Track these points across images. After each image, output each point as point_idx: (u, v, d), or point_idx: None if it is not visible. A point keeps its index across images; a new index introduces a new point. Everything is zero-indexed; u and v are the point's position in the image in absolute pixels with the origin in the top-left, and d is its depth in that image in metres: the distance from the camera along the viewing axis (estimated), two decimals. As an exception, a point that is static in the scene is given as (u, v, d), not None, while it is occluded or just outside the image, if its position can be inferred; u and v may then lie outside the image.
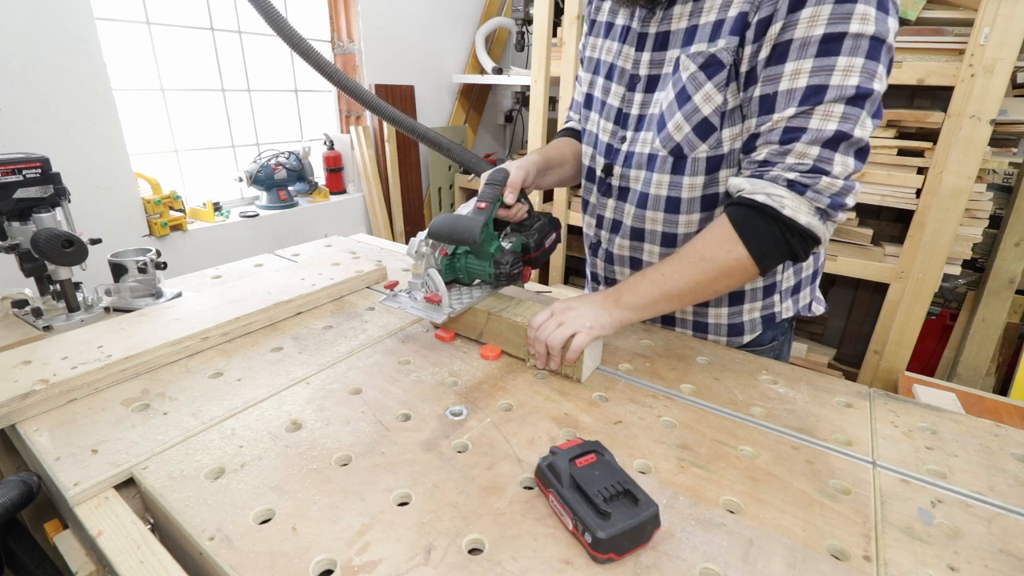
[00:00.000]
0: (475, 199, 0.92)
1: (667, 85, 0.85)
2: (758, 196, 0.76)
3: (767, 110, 0.76)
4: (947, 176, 1.76)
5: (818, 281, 1.04)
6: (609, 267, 1.05)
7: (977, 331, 2.16)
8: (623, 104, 0.94)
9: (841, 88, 0.70)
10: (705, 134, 0.83)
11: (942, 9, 1.83)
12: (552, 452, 0.59)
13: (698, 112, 0.82)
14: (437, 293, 0.89)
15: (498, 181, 0.92)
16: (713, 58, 0.78)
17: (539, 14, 2.46)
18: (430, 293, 0.90)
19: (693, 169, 0.86)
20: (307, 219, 2.69)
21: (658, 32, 0.86)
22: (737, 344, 1.00)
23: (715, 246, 0.79)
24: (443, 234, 0.87)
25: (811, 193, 0.74)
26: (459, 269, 0.96)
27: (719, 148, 0.83)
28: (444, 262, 0.94)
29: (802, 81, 0.72)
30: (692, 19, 0.82)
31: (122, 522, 0.56)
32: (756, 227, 0.77)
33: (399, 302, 0.93)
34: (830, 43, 0.70)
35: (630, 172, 0.94)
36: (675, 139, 0.85)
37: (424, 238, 0.91)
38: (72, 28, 1.78)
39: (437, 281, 0.89)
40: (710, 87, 0.80)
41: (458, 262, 0.95)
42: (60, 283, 0.98)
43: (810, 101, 0.72)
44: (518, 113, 3.60)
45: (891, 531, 0.56)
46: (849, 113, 0.71)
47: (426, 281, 0.91)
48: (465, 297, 0.94)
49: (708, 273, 0.79)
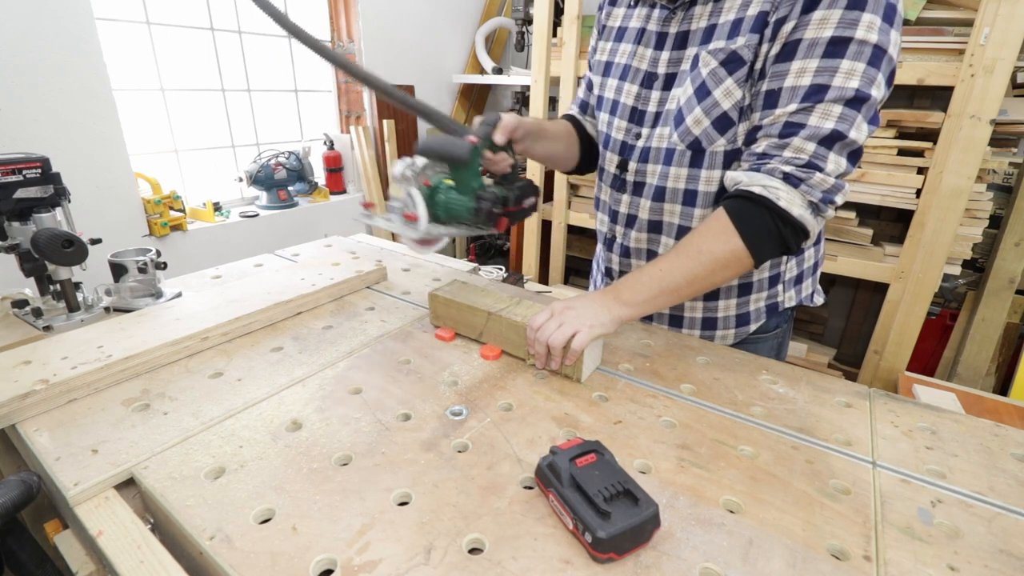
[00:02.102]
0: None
1: (684, 81, 0.87)
2: (755, 188, 0.78)
3: (771, 104, 0.79)
4: (947, 176, 1.76)
5: (818, 273, 1.06)
6: (625, 260, 1.07)
7: (977, 331, 2.16)
8: (638, 102, 0.96)
9: (842, 89, 0.73)
10: (724, 128, 0.85)
11: (942, 9, 1.82)
12: (552, 452, 0.59)
13: (718, 106, 0.84)
14: (415, 212, 0.86)
15: (491, 122, 0.91)
16: (734, 54, 0.81)
17: (539, 14, 2.46)
18: (408, 212, 0.87)
19: (711, 163, 0.88)
20: (307, 219, 2.69)
21: (678, 32, 0.89)
22: (744, 334, 1.02)
23: (712, 238, 0.80)
24: (434, 150, 0.86)
25: (804, 187, 0.76)
26: (438, 204, 0.91)
27: (736, 143, 0.86)
28: (425, 193, 0.90)
29: (806, 79, 0.75)
30: (712, 18, 0.84)
31: (122, 522, 0.56)
32: (752, 218, 0.78)
33: (373, 219, 0.91)
34: (836, 46, 0.73)
35: (646, 167, 0.96)
36: (694, 133, 0.87)
37: (411, 162, 0.89)
38: (72, 28, 1.78)
39: (416, 199, 0.87)
40: (730, 82, 0.82)
41: (439, 196, 0.91)
42: (60, 283, 0.98)
43: (812, 99, 0.74)
44: (518, 113, 3.60)
45: (891, 531, 0.57)
46: (846, 114, 0.74)
47: (406, 201, 0.89)
48: (442, 228, 0.92)
49: (706, 266, 0.80)
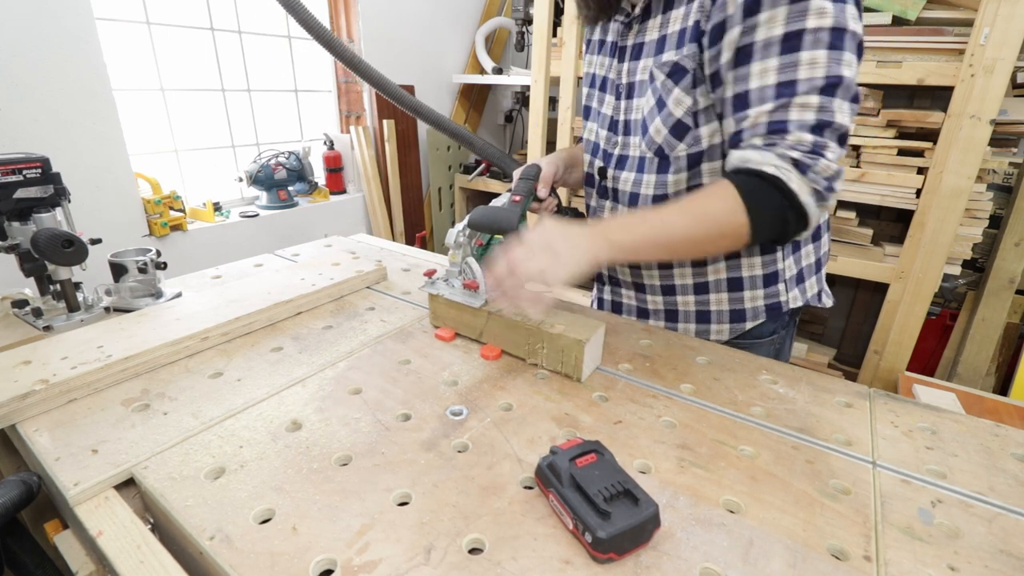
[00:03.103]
0: (509, 193, 0.98)
1: (645, 92, 0.91)
2: (767, 168, 0.76)
3: (742, 106, 0.78)
4: (947, 176, 1.76)
5: (823, 272, 1.04)
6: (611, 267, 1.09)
7: (977, 331, 2.16)
8: (614, 112, 1.00)
9: (810, 80, 0.73)
10: (681, 134, 0.88)
11: (942, 9, 1.82)
12: (552, 452, 0.59)
13: (671, 115, 0.87)
14: (475, 280, 0.93)
15: (532, 176, 1.00)
16: (677, 66, 0.84)
17: (539, 14, 2.46)
18: (468, 280, 0.94)
19: (676, 167, 0.91)
20: (307, 219, 2.70)
21: (634, 44, 0.93)
22: (740, 330, 1.01)
23: (720, 205, 0.77)
24: (483, 224, 0.92)
25: (811, 174, 0.75)
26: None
27: (698, 145, 0.88)
28: (479, 252, 0.99)
29: (771, 78, 0.75)
30: (662, 30, 0.88)
31: (122, 522, 0.56)
32: (762, 195, 0.76)
33: (437, 288, 0.97)
34: (791, 40, 0.72)
35: (621, 174, 0.99)
36: (656, 141, 0.91)
37: (462, 228, 0.95)
38: (72, 28, 1.78)
39: (475, 268, 0.93)
40: (679, 92, 0.85)
41: (491, 252, 1.00)
42: (60, 283, 0.98)
43: (783, 96, 0.74)
44: (518, 113, 3.60)
45: (891, 531, 0.57)
46: (824, 103, 0.73)
47: (463, 269, 0.96)
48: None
49: (709, 230, 0.77)
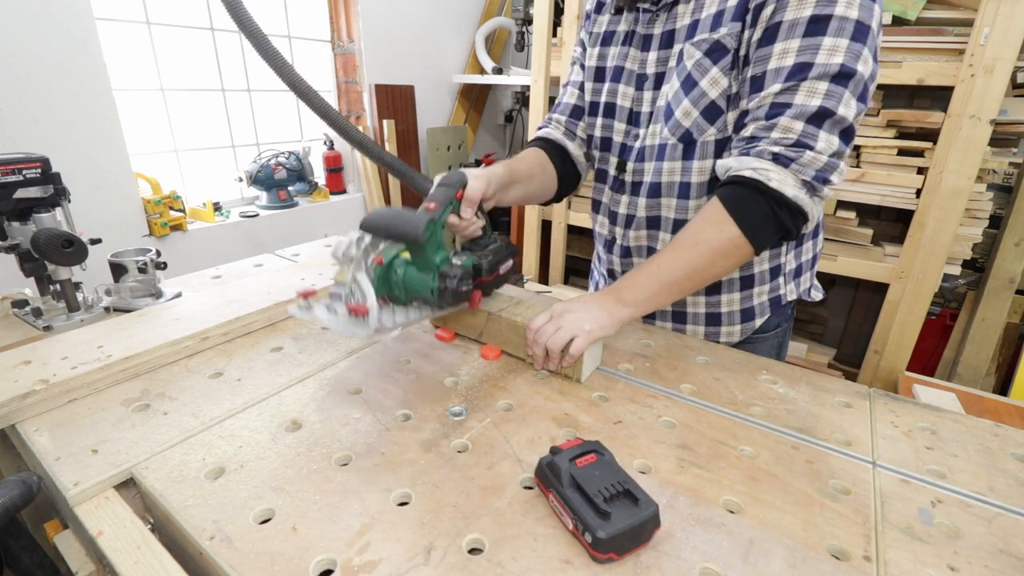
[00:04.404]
0: (424, 201, 0.78)
1: (671, 78, 0.88)
2: (745, 172, 0.77)
3: (756, 88, 0.79)
4: (947, 176, 1.76)
5: (816, 267, 1.06)
6: (626, 261, 1.07)
7: (977, 331, 2.16)
8: (633, 104, 0.97)
9: (826, 66, 0.73)
10: (713, 117, 0.85)
11: (942, 9, 1.83)
12: (552, 452, 0.59)
13: (705, 96, 0.84)
14: (364, 304, 0.70)
15: (452, 183, 0.80)
16: (718, 44, 0.81)
17: (539, 14, 2.46)
18: (355, 304, 0.71)
19: (702, 153, 0.88)
20: (307, 219, 2.69)
21: (663, 32, 0.90)
22: (750, 330, 1.02)
23: (707, 227, 0.79)
24: (379, 227, 0.72)
25: (795, 166, 0.75)
26: (395, 283, 0.77)
27: (725, 131, 0.86)
28: (378, 272, 0.75)
29: (789, 60, 0.75)
30: (695, 14, 0.85)
31: (122, 522, 0.56)
32: (745, 203, 0.77)
33: (311, 314, 0.73)
34: (817, 23, 0.73)
35: (642, 165, 0.96)
36: (684, 125, 0.87)
37: (355, 239, 0.74)
38: (72, 28, 1.78)
39: (365, 288, 0.71)
40: (716, 71, 0.82)
41: (395, 274, 0.77)
42: (60, 283, 0.98)
43: (796, 77, 0.75)
44: (518, 113, 3.60)
45: (891, 531, 0.56)
46: (833, 91, 0.73)
47: (352, 288, 0.73)
48: (399, 315, 0.78)
49: (704, 256, 0.79)
